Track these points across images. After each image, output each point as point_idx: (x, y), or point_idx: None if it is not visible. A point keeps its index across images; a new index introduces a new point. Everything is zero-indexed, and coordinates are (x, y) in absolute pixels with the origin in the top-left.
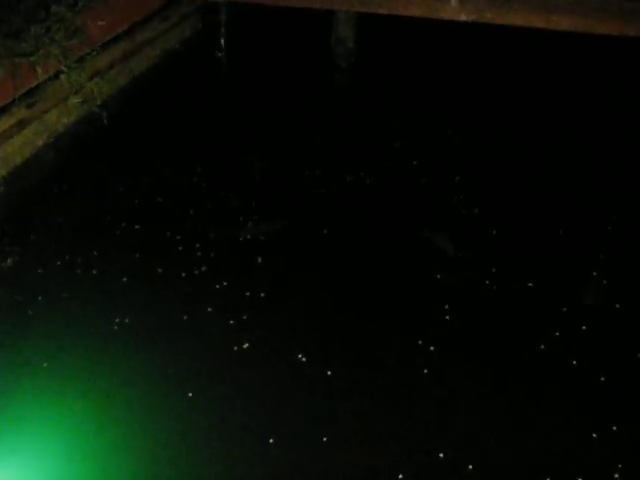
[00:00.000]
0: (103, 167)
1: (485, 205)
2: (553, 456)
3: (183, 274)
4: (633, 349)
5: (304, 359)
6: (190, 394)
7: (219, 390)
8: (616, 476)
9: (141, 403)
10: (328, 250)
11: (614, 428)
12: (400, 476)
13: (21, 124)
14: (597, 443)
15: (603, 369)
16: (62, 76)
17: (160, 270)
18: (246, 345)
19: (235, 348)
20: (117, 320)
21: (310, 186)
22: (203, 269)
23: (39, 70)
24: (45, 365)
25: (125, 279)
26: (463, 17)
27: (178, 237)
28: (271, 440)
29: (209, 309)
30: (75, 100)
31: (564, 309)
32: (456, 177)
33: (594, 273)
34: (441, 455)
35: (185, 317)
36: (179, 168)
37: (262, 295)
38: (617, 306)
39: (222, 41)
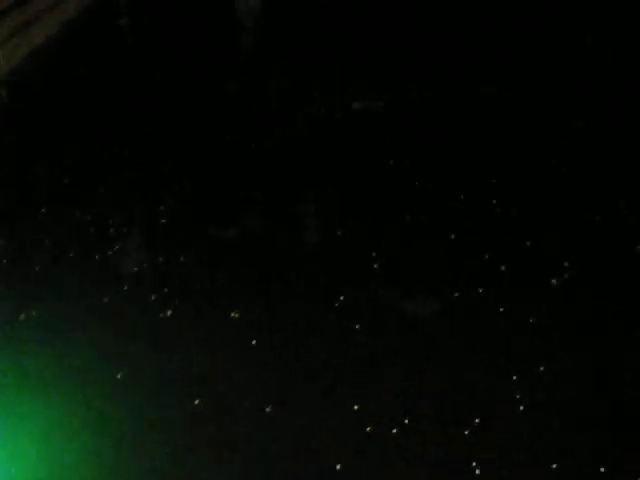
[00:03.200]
0: (6, 150)
1: None
2: None
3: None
4: None
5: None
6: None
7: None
8: None
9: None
10: None
11: None
12: None
13: None
14: None
15: None
16: None
17: (71, 254)
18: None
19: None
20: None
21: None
22: (116, 248)
23: None
24: None
25: (37, 267)
26: None
27: (88, 218)
28: None
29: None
30: None
31: None
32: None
33: None
34: None
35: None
36: (87, 146)
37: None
38: None
39: (123, 8)
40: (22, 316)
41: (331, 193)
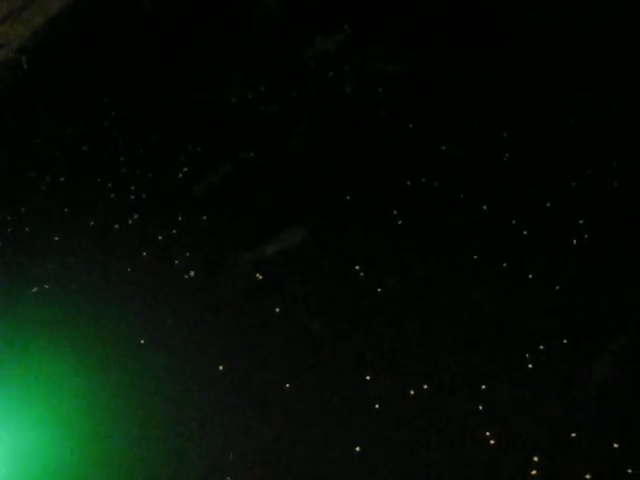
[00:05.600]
0: (27, 117)
1: None
2: None
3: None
4: None
5: None
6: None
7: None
8: None
9: None
10: None
11: None
12: None
13: None
14: None
15: None
16: None
17: (92, 223)
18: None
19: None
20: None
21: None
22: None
23: None
24: None
25: (56, 238)
26: None
27: (109, 185)
28: None
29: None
30: None
31: None
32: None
33: None
34: None
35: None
36: (104, 113)
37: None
38: None
39: None
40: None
41: None
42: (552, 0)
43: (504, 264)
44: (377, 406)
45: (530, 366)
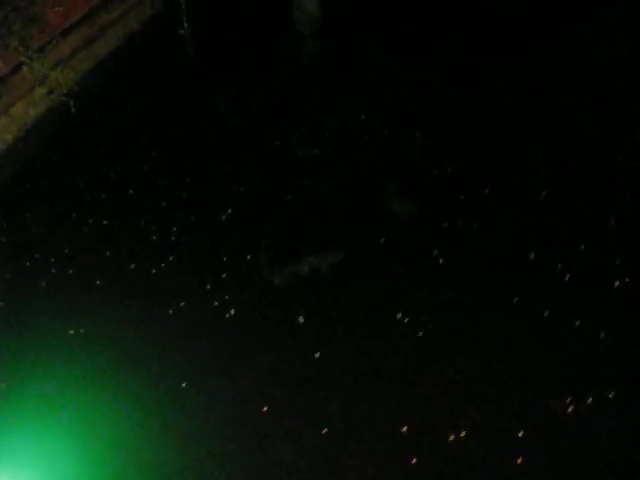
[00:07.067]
0: (75, 160)
1: None
2: None
3: (153, 270)
4: None
5: None
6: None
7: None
8: None
9: None
10: None
11: None
12: None
13: None
14: None
15: None
16: (24, 67)
17: (132, 266)
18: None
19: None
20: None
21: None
22: (171, 259)
23: None
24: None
25: (98, 282)
26: None
27: (154, 227)
28: None
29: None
30: (41, 91)
31: None
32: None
33: None
34: None
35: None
36: (150, 156)
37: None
38: None
39: (183, 18)
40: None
41: None
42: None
43: None
44: None
45: None
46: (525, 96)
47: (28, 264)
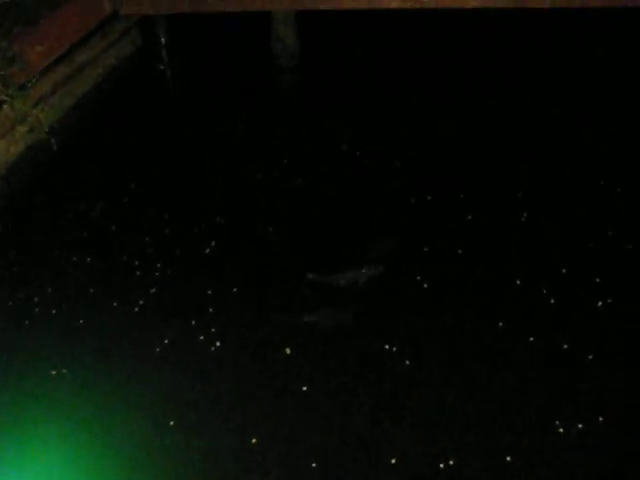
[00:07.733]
0: (56, 197)
1: None
2: None
3: (137, 306)
4: None
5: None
6: None
7: None
8: None
9: None
10: None
11: None
12: None
13: None
14: None
15: None
16: (5, 106)
17: (115, 304)
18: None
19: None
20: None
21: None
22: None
23: None
24: None
25: (81, 321)
26: (400, 4)
27: (136, 262)
28: None
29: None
30: (22, 129)
31: None
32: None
33: None
34: None
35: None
36: (132, 192)
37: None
38: None
39: (163, 53)
40: None
41: None
42: None
43: None
44: None
45: None
46: (506, 127)
47: (10, 303)
